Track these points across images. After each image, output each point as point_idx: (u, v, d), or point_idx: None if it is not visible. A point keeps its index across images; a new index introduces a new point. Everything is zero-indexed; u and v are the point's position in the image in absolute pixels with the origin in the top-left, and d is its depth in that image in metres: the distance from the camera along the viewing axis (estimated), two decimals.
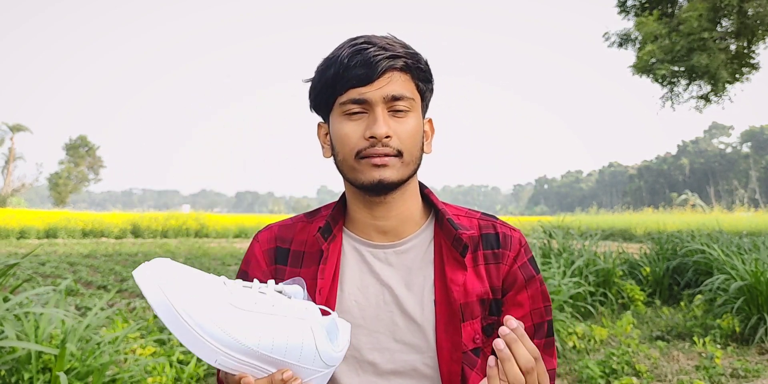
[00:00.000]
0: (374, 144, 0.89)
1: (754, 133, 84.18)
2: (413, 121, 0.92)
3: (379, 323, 0.95)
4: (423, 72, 0.94)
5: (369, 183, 0.90)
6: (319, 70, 0.93)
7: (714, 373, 3.96)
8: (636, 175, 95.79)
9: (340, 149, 0.93)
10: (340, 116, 0.92)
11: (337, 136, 0.92)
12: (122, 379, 3.02)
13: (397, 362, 0.94)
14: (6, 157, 47.23)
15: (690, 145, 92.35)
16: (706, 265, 6.88)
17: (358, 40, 0.91)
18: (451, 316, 0.93)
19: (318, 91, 0.94)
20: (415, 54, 0.93)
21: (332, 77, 0.90)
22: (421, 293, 0.96)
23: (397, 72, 0.90)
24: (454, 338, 0.92)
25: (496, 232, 1.01)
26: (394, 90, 0.89)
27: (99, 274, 10.07)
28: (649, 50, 12.39)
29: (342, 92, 0.90)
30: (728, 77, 12.48)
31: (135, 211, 41.30)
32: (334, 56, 0.91)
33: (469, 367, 0.93)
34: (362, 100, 0.89)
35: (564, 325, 4.65)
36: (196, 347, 0.67)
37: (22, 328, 2.92)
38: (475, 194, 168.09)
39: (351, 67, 0.88)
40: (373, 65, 0.88)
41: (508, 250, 0.99)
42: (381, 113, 0.89)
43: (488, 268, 0.97)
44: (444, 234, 0.98)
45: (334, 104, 0.93)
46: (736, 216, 25.44)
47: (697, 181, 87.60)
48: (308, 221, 1.04)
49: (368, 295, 0.96)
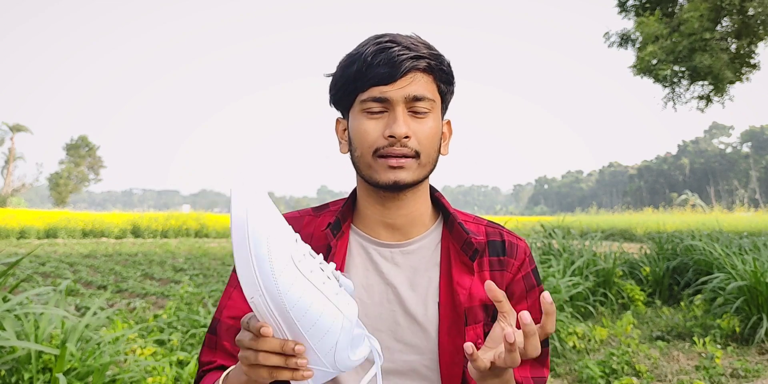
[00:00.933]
0: (393, 143, 0.89)
1: (754, 133, 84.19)
2: (432, 123, 0.92)
3: (381, 322, 0.95)
4: (445, 74, 0.94)
5: (384, 183, 0.91)
6: (342, 65, 0.93)
7: (714, 373, 3.95)
8: (636, 175, 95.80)
9: (358, 146, 0.93)
10: (360, 113, 0.92)
11: (356, 132, 0.92)
12: (122, 379, 3.01)
13: (396, 362, 0.94)
14: (6, 157, 47.24)
15: (690, 145, 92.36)
16: (706, 265, 6.88)
17: (383, 38, 0.91)
18: (456, 319, 0.93)
19: (339, 87, 0.94)
20: (438, 55, 0.93)
21: (355, 74, 0.90)
22: (425, 294, 0.96)
23: (419, 73, 0.90)
24: (456, 341, 0.92)
25: (503, 239, 1.01)
26: (415, 90, 0.90)
27: (99, 274, 10.07)
28: (651, 51, 12.38)
29: (364, 89, 0.90)
30: (732, 76, 12.48)
31: (135, 211, 41.26)
32: (357, 53, 0.91)
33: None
34: (383, 99, 0.89)
35: (564, 325, 4.65)
36: (244, 277, 0.67)
37: (22, 328, 2.92)
38: (475, 194, 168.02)
39: (374, 65, 0.88)
40: (397, 64, 0.88)
41: (514, 258, 1.00)
42: (401, 113, 0.89)
43: (493, 275, 0.98)
44: (454, 237, 0.98)
45: (354, 101, 0.93)
46: (736, 216, 25.44)
47: (697, 181, 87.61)
48: (315, 215, 1.04)
49: (372, 293, 0.97)
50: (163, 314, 4.97)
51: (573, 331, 4.61)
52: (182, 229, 26.91)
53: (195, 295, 6.43)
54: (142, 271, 10.24)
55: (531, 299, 1.00)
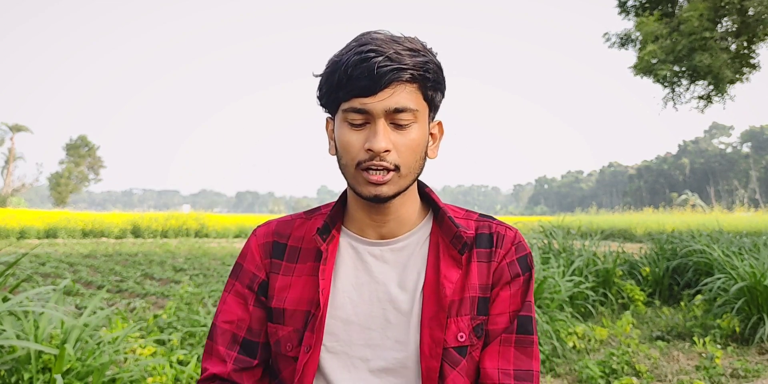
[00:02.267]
0: (373, 157, 0.88)
1: (754, 133, 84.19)
2: (415, 133, 0.91)
3: (372, 320, 0.95)
4: (431, 81, 0.91)
5: (366, 197, 0.91)
6: (326, 71, 0.92)
7: (714, 373, 3.95)
8: (636, 175, 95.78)
9: (342, 155, 0.93)
10: (343, 122, 0.92)
11: (340, 141, 0.92)
12: (122, 379, 3.01)
13: (388, 359, 0.94)
14: (6, 157, 47.25)
15: (690, 145, 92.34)
16: (706, 265, 6.87)
17: (365, 46, 0.87)
18: (437, 312, 0.93)
19: (324, 92, 0.94)
20: (424, 62, 0.89)
21: (336, 83, 0.89)
22: (413, 290, 0.96)
23: (401, 83, 0.88)
24: (435, 333, 0.92)
25: (491, 232, 1.01)
26: (397, 103, 0.88)
27: (99, 274, 10.07)
28: (651, 50, 12.38)
29: (345, 99, 0.89)
30: (732, 76, 12.48)
31: (135, 211, 41.28)
32: (339, 61, 0.89)
33: (451, 365, 0.92)
34: (364, 111, 0.88)
35: (564, 325, 4.65)
36: None
37: (22, 328, 2.92)
38: (475, 194, 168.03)
39: (354, 77, 0.86)
40: (377, 77, 0.86)
41: (500, 248, 0.99)
42: (381, 126, 0.88)
43: (480, 267, 0.97)
44: (443, 232, 0.98)
45: (338, 108, 0.93)
46: (736, 216, 25.42)
47: (697, 181, 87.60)
48: (307, 218, 1.05)
49: (362, 292, 0.97)
50: (163, 314, 4.97)
51: (573, 331, 4.60)
52: (182, 229, 26.90)
53: (195, 295, 6.42)
54: (142, 271, 10.24)
55: (515, 287, 0.97)
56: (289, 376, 0.97)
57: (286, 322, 0.97)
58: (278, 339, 0.98)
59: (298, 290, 0.98)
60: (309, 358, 0.94)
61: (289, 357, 0.97)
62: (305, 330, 0.95)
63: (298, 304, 0.97)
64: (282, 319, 0.98)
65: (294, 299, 0.98)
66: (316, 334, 0.94)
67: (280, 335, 0.98)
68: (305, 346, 0.94)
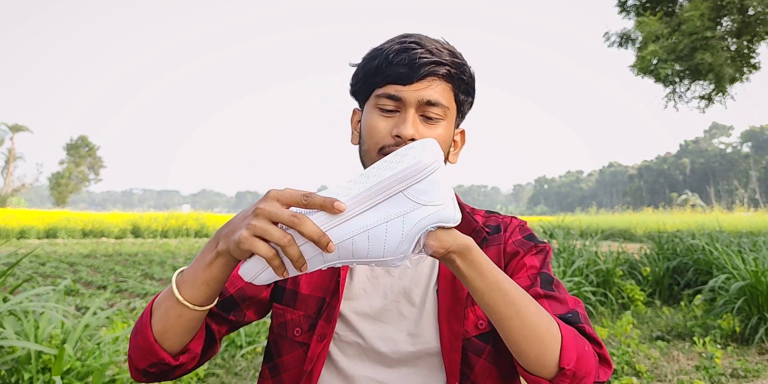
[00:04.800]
0: (399, 143, 0.89)
1: (754, 133, 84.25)
2: (442, 130, 0.92)
3: (386, 313, 0.95)
4: (465, 84, 0.94)
5: None
6: (365, 58, 0.95)
7: (714, 373, 3.95)
8: (636, 175, 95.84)
9: (366, 140, 0.93)
10: (373, 107, 0.93)
11: (366, 126, 0.93)
12: (122, 379, 3.01)
13: (402, 352, 0.94)
14: (6, 157, 47.26)
15: (690, 145, 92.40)
16: (706, 264, 6.87)
17: (408, 38, 0.92)
18: (454, 305, 0.93)
19: (359, 79, 0.95)
20: (461, 64, 0.93)
21: (374, 69, 0.91)
22: (427, 285, 0.96)
23: (438, 79, 0.90)
24: (453, 326, 0.92)
25: (498, 223, 1.02)
26: (430, 95, 0.90)
27: (99, 274, 10.07)
28: (652, 50, 12.36)
29: (381, 85, 0.91)
30: (733, 74, 12.47)
31: (135, 211, 41.29)
32: (381, 48, 0.92)
33: (476, 354, 0.92)
34: (397, 98, 0.90)
35: None
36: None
37: (22, 328, 2.92)
38: (474, 194, 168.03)
39: (394, 63, 0.89)
40: (416, 67, 0.88)
41: (506, 232, 1.00)
42: (412, 115, 0.90)
43: (490, 251, 0.97)
44: (461, 226, 0.97)
45: (371, 94, 0.94)
46: (736, 216, 25.40)
47: (698, 181, 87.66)
48: None
49: (377, 284, 0.97)
50: None
51: None
52: (182, 229, 26.91)
53: None
54: (142, 271, 10.23)
55: (528, 256, 0.96)
56: (292, 360, 0.96)
57: (298, 306, 0.97)
58: (285, 321, 0.97)
59: (315, 275, 0.98)
60: (322, 347, 0.93)
61: (296, 342, 0.96)
62: (319, 318, 0.95)
63: (313, 289, 0.97)
64: (294, 302, 0.97)
65: (310, 284, 0.97)
66: (332, 323, 0.94)
67: (288, 318, 0.97)
68: (318, 335, 0.93)
